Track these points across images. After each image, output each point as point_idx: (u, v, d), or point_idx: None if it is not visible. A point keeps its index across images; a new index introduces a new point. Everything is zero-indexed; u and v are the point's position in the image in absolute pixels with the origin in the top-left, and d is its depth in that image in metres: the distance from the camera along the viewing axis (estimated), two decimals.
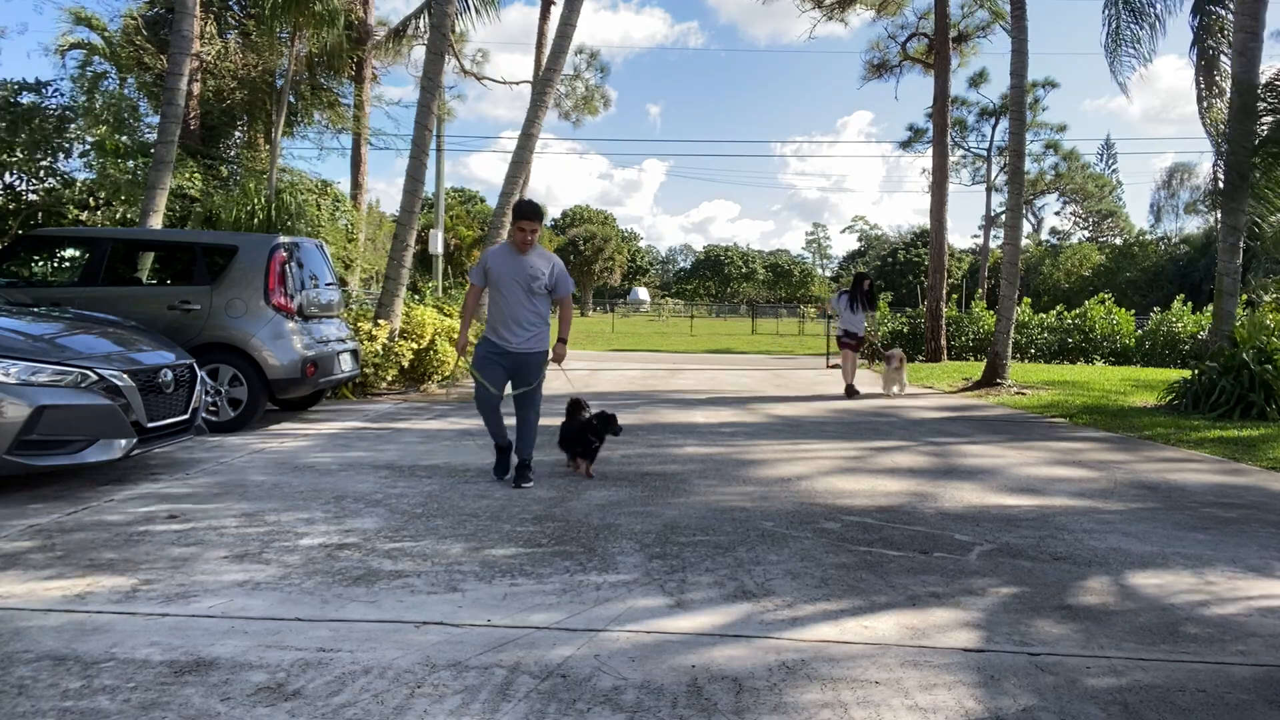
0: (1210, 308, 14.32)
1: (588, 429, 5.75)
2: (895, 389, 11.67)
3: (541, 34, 19.74)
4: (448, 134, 22.92)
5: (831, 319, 14.37)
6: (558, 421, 6.19)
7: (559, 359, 5.52)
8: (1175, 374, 12.62)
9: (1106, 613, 3.33)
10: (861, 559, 3.97)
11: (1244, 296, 13.94)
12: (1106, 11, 11.88)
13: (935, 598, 3.45)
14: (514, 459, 5.61)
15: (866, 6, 22.62)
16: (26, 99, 13.06)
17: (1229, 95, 10.87)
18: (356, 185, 19.39)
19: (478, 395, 5.42)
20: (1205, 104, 11.49)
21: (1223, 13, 11.32)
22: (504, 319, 5.38)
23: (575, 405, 6.08)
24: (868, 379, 13.71)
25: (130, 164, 13.12)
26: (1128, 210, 73.66)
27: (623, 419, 8.94)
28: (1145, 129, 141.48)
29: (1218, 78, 11.42)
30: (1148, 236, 50.75)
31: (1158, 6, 11.69)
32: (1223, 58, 11.38)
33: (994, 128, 41.23)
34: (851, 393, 11.56)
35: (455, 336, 12.16)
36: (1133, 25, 11.73)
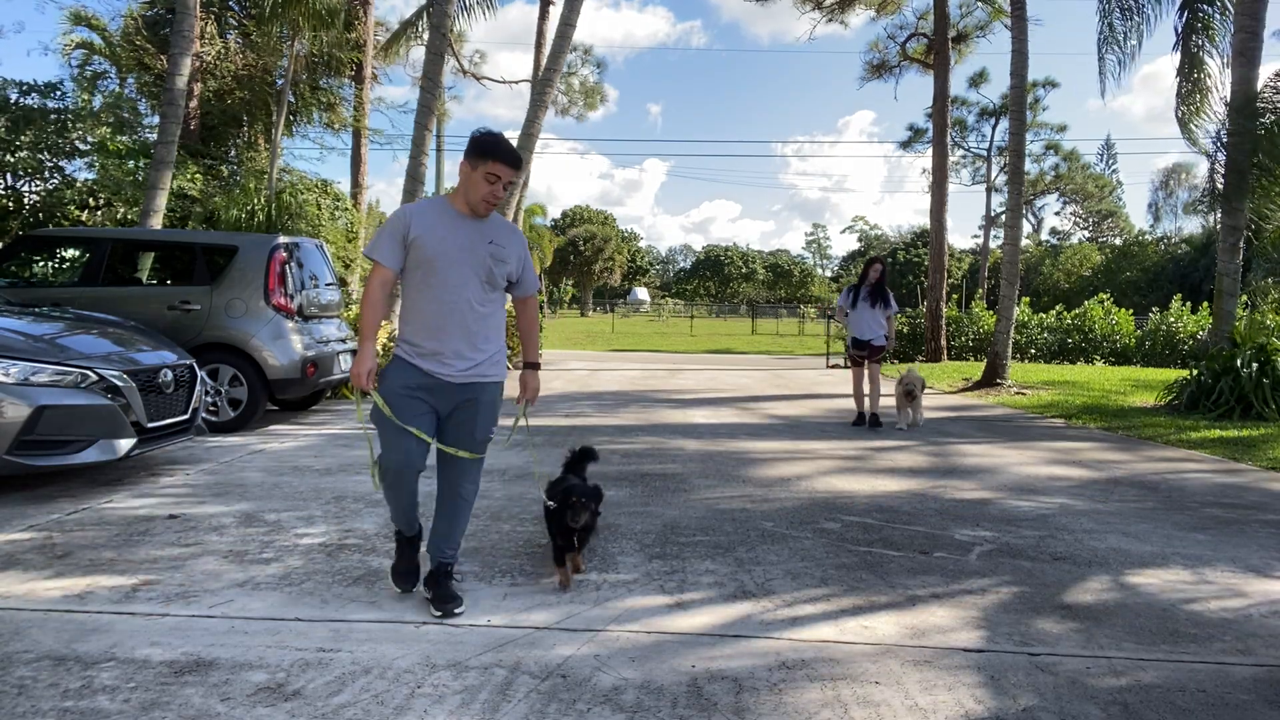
0: (1210, 307, 14.33)
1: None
2: (905, 420, 8.61)
3: (541, 34, 19.72)
4: (448, 133, 22.97)
5: (837, 320, 10.39)
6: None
7: (531, 395, 3.45)
8: (1175, 374, 12.62)
9: (1106, 613, 3.33)
10: (862, 559, 3.97)
11: (1243, 297, 13.93)
12: (1100, 8, 11.93)
13: (935, 598, 3.45)
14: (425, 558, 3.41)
15: (866, 6, 22.61)
16: (31, 100, 13.07)
17: (1225, 95, 10.87)
18: (357, 185, 19.37)
19: (385, 455, 3.18)
20: (1188, 105, 11.47)
21: (1211, 11, 11.30)
22: (439, 326, 3.16)
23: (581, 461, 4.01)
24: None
25: (131, 164, 13.13)
26: (1128, 210, 73.67)
27: (623, 419, 8.99)
28: (1148, 129, 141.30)
29: (1201, 77, 11.38)
30: (1147, 236, 50.78)
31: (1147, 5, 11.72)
32: (1207, 59, 11.37)
33: (994, 128, 41.22)
34: (873, 421, 8.50)
35: None
36: (1123, 23, 11.77)
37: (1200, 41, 11.35)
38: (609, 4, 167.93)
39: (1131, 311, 22.30)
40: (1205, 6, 11.29)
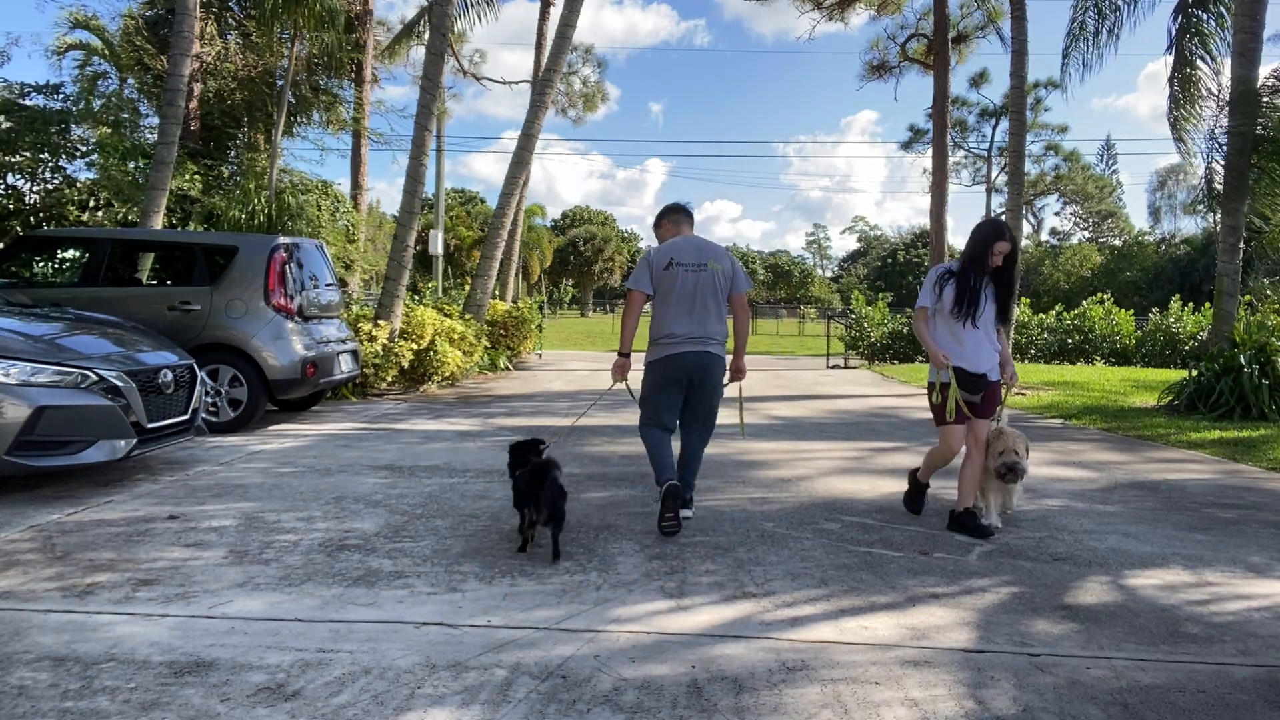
0: (1210, 308, 14.34)
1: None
2: (997, 509, 4.77)
3: (541, 34, 19.72)
4: (448, 134, 22.95)
5: (917, 329, 5.46)
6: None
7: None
8: (1175, 374, 12.61)
9: (1106, 613, 3.33)
10: (861, 559, 3.97)
11: (1245, 297, 13.95)
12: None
13: (935, 598, 3.45)
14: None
15: (866, 6, 22.60)
16: (35, 100, 13.10)
17: (1221, 97, 10.88)
18: (357, 186, 19.37)
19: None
20: (1183, 108, 11.46)
21: (1204, 15, 11.31)
22: None
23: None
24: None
25: (131, 164, 13.14)
26: (1129, 210, 73.67)
27: (623, 419, 8.96)
28: (1153, 128, 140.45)
29: (1194, 79, 11.38)
30: (1148, 237, 50.82)
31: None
32: (1199, 61, 11.38)
33: (994, 128, 41.22)
34: (963, 522, 4.52)
35: (455, 336, 12.11)
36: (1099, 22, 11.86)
37: (1193, 46, 11.34)
38: (612, 2, 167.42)
39: (1132, 312, 22.30)
40: (1199, 11, 11.29)
